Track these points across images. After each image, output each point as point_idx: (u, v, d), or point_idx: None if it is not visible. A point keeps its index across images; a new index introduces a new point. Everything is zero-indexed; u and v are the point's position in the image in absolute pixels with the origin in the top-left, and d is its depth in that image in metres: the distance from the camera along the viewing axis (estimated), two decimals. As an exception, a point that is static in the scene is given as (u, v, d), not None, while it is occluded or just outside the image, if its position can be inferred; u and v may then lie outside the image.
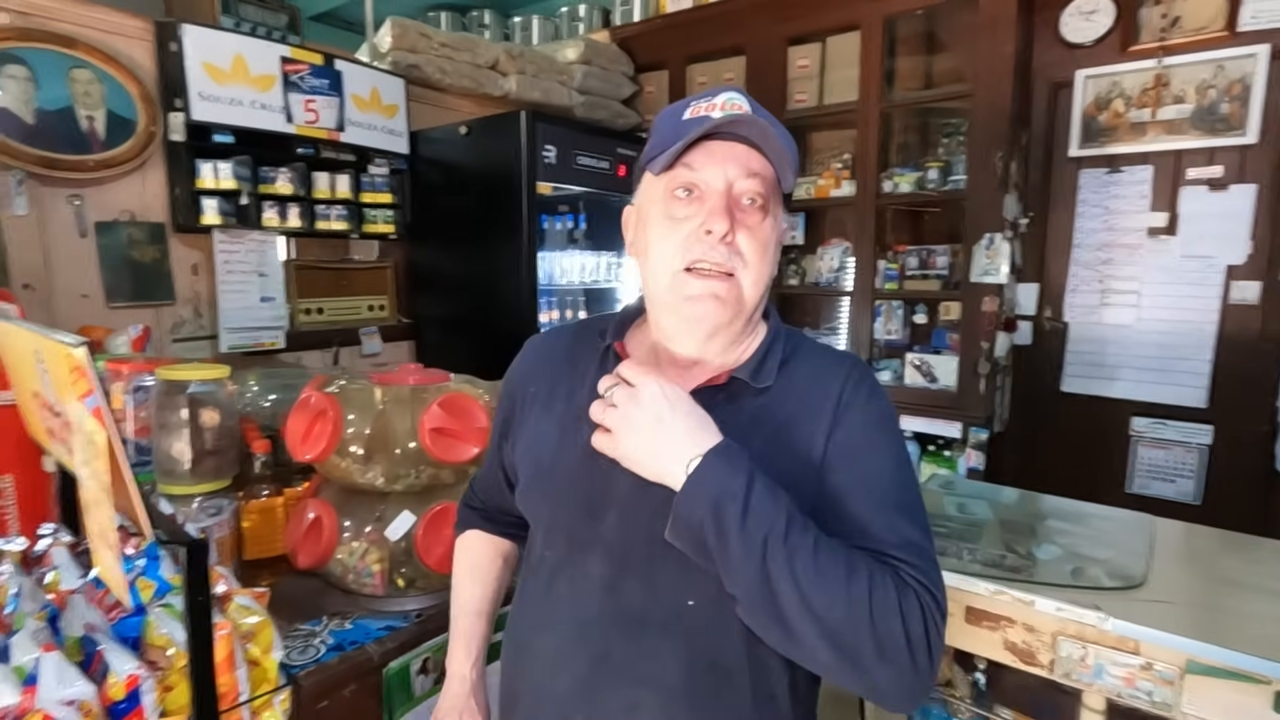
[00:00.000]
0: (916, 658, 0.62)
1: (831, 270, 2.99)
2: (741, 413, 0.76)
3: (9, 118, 1.79)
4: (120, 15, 1.98)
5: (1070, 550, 1.41)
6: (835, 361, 0.81)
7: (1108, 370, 2.68)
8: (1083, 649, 1.17)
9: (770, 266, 0.77)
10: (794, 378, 0.78)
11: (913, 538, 0.69)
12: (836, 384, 0.77)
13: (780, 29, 2.93)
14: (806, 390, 0.77)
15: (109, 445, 0.67)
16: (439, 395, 1.23)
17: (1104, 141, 2.59)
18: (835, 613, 0.62)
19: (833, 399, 0.75)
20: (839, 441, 0.74)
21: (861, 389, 0.77)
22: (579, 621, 0.76)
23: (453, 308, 2.73)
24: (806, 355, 0.81)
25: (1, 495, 1.43)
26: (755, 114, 0.72)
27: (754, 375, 0.77)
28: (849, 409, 0.75)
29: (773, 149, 0.72)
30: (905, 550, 0.68)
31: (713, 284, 0.73)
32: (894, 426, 0.78)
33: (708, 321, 0.74)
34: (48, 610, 0.88)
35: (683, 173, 0.74)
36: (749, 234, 0.73)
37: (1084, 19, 2.56)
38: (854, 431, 0.74)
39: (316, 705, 1.02)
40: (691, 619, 0.72)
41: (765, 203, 0.74)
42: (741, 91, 0.76)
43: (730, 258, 0.73)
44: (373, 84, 2.43)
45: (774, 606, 0.63)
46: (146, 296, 2.11)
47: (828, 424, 0.74)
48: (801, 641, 0.63)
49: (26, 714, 0.69)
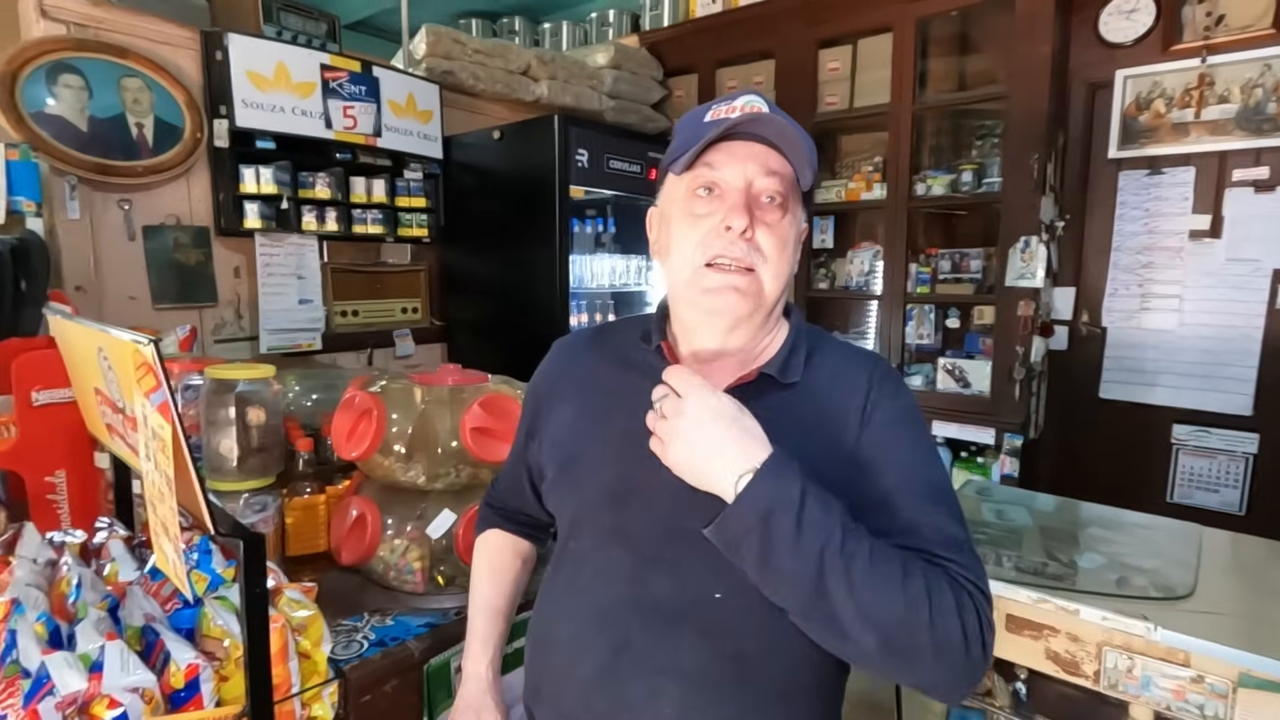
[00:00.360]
0: (971, 653, 0.64)
1: (861, 274, 2.97)
2: (770, 408, 0.77)
3: (64, 125, 1.86)
4: (169, 25, 2.04)
5: (1114, 559, 1.38)
6: (858, 358, 0.83)
7: (1148, 376, 2.62)
8: (1130, 660, 1.15)
9: (789, 263, 0.79)
10: (818, 373, 0.80)
11: (957, 535, 0.71)
12: (862, 381, 0.78)
13: (811, 32, 2.92)
14: (831, 385, 0.79)
15: (174, 440, 0.69)
16: (479, 395, 1.24)
17: (1144, 143, 2.54)
18: (893, 618, 0.62)
19: (860, 395, 0.77)
20: (873, 440, 0.75)
21: (887, 385, 0.79)
22: (601, 610, 0.78)
23: (484, 310, 2.76)
24: (829, 351, 0.83)
25: (54, 490, 1.48)
26: (774, 114, 0.75)
27: (782, 371, 0.79)
28: (878, 407, 0.76)
29: (791, 147, 0.75)
30: (952, 549, 0.69)
31: (732, 278, 0.75)
32: (921, 421, 0.80)
33: (729, 314, 0.77)
34: (108, 600, 0.91)
35: (704, 172, 0.77)
36: (768, 230, 0.76)
37: (1124, 18, 2.51)
38: (886, 429, 0.76)
39: (360, 699, 1.04)
40: (717, 611, 0.73)
41: (784, 200, 0.76)
42: (761, 95, 0.78)
43: (750, 253, 0.75)
44: (408, 90, 2.48)
45: (831, 616, 0.63)
46: (190, 298, 2.16)
47: (857, 420, 0.76)
48: (859, 645, 0.64)
49: (94, 699, 0.71)
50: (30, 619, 0.83)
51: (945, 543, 0.69)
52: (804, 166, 0.77)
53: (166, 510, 0.75)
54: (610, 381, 0.87)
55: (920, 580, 0.64)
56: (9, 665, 0.79)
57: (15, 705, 0.73)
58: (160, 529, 0.77)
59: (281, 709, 0.84)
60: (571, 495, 0.85)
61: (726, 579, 0.72)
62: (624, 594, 0.77)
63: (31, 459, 1.43)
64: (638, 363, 0.86)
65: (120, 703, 0.71)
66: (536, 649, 0.88)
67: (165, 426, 0.70)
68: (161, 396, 0.70)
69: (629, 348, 0.88)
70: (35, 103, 1.80)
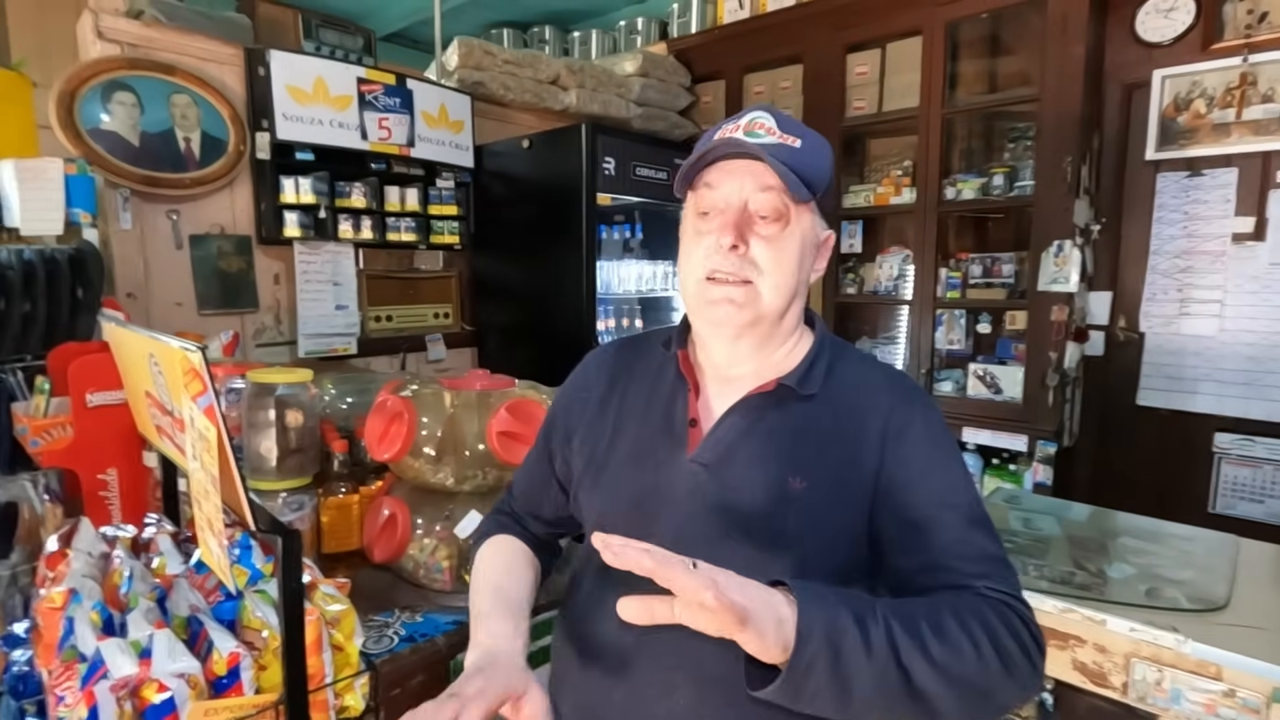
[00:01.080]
0: (1033, 660, 0.67)
1: (890, 279, 2.95)
2: (789, 419, 0.79)
3: (117, 140, 1.95)
4: (215, 43, 2.14)
5: (1146, 570, 1.36)
6: (880, 373, 0.84)
7: (1188, 383, 2.55)
8: (1159, 672, 1.13)
9: (792, 273, 0.79)
10: (839, 386, 0.81)
11: (991, 550, 0.73)
12: (884, 398, 0.79)
13: (839, 36, 2.92)
14: (853, 399, 0.80)
15: (219, 441, 0.74)
16: (505, 400, 1.28)
17: (1184, 144, 2.48)
18: (969, 674, 0.63)
19: (882, 413, 0.78)
20: (901, 459, 0.76)
21: (913, 403, 0.79)
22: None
23: (513, 316, 2.81)
24: (851, 364, 0.84)
25: (106, 487, 1.56)
26: (780, 129, 0.77)
27: (800, 382, 0.80)
28: (904, 425, 0.77)
29: (781, 164, 0.75)
30: (988, 566, 0.71)
31: (728, 290, 0.78)
32: (950, 437, 0.80)
33: (728, 324, 0.79)
34: (156, 592, 0.96)
35: (704, 192, 0.81)
36: (765, 244, 0.78)
37: (1162, 17, 2.46)
38: (914, 448, 0.76)
39: (390, 692, 1.08)
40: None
41: (784, 213, 0.78)
42: (769, 109, 0.80)
43: (743, 267, 0.78)
44: (441, 101, 2.54)
45: (920, 700, 0.62)
46: (233, 304, 2.25)
47: (879, 439, 0.77)
48: (946, 713, 0.63)
49: (144, 683, 0.76)
50: (86, 607, 0.88)
51: (980, 560, 0.71)
52: (810, 178, 0.77)
53: (211, 507, 0.79)
54: (636, 389, 0.90)
55: (976, 625, 0.65)
56: (67, 650, 0.85)
57: (74, 687, 0.78)
58: (205, 525, 0.82)
59: (316, 698, 0.87)
60: (598, 498, 0.88)
61: None
62: (645, 594, 0.79)
63: (86, 457, 1.51)
64: (657, 369, 0.89)
65: (168, 687, 0.76)
66: (561, 642, 0.91)
67: (211, 429, 0.75)
68: (208, 400, 0.74)
69: (653, 355, 0.92)
70: (91, 119, 1.90)
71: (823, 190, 0.80)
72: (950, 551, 0.71)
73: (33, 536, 1.52)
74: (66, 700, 0.78)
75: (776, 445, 0.78)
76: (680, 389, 0.85)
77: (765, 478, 0.77)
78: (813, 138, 0.80)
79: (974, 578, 0.70)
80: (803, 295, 0.83)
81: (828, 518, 0.75)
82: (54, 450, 1.48)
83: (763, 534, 0.75)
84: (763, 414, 0.80)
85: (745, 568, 0.72)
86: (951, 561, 0.71)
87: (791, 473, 0.76)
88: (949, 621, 0.64)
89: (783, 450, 0.78)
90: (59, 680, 0.80)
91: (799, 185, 0.76)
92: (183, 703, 0.77)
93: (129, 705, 0.74)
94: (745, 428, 0.80)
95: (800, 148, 0.77)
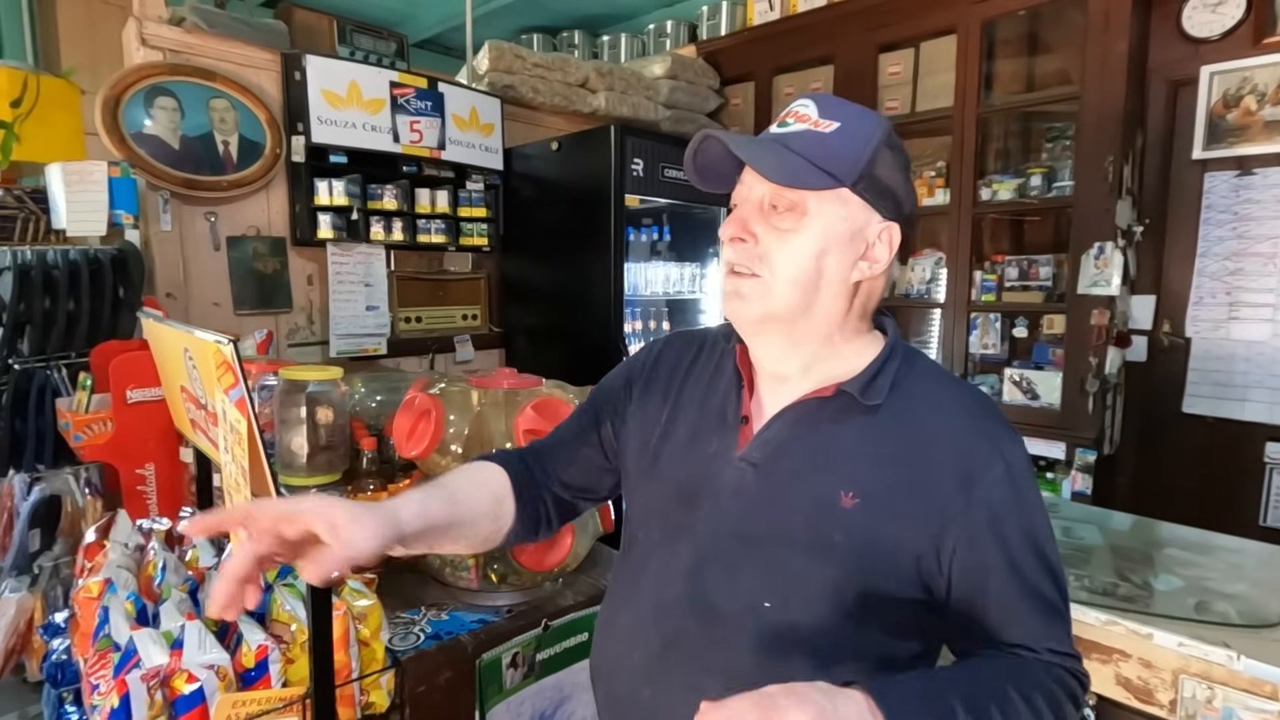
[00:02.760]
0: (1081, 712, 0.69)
1: (923, 281, 2.89)
2: (847, 430, 0.74)
3: (159, 144, 2.00)
4: (253, 49, 2.18)
5: (1194, 582, 1.30)
6: (956, 393, 0.76)
7: (1238, 390, 2.45)
8: (1209, 690, 1.08)
9: (808, 267, 0.73)
10: (908, 401, 0.75)
11: (1058, 606, 0.72)
12: (960, 425, 0.73)
13: (871, 36, 2.88)
14: (923, 420, 0.73)
15: (249, 433, 0.74)
16: (532, 399, 1.27)
17: (1233, 142, 2.39)
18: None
19: (956, 443, 0.72)
20: (975, 499, 0.70)
21: (994, 436, 0.72)
22: (660, 603, 0.79)
23: (541, 317, 2.82)
24: (923, 377, 0.77)
25: (144, 481, 1.60)
26: (819, 114, 0.75)
27: (864, 390, 0.74)
28: (987, 464, 0.71)
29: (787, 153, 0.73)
30: (1055, 636, 0.71)
31: (736, 283, 0.76)
32: (1030, 472, 0.74)
33: (737, 317, 0.79)
34: (189, 583, 0.97)
35: (737, 188, 0.79)
36: (776, 235, 0.74)
37: (1210, 11, 2.38)
38: (992, 490, 0.70)
39: (416, 689, 1.08)
40: (765, 619, 0.73)
41: (797, 204, 0.73)
42: (813, 96, 0.77)
43: (750, 259, 0.75)
44: (471, 104, 2.56)
45: None
46: (267, 304, 2.29)
47: (950, 471, 0.71)
48: None
49: (174, 673, 0.76)
50: (121, 597, 0.90)
51: (1045, 615, 0.70)
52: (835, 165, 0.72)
53: (242, 499, 0.80)
54: (695, 378, 0.88)
55: (1040, 699, 0.65)
56: (102, 639, 0.86)
57: (107, 675, 0.79)
58: (236, 517, 0.82)
59: (342, 693, 0.88)
60: (645, 487, 0.86)
61: (778, 591, 0.72)
62: (682, 590, 0.78)
63: (125, 452, 1.54)
64: (718, 362, 0.87)
65: (197, 677, 0.77)
66: (601, 631, 0.90)
67: (242, 420, 0.75)
68: (239, 393, 0.75)
69: (715, 347, 0.90)
70: (135, 124, 1.96)
71: (854, 176, 0.73)
72: (1015, 608, 0.70)
73: (75, 529, 1.57)
74: (100, 689, 0.79)
75: (830, 455, 0.74)
76: (736, 384, 0.83)
77: (814, 487, 0.73)
78: (856, 120, 0.74)
79: (1038, 637, 0.70)
80: (839, 293, 0.75)
81: (880, 538, 0.71)
82: (95, 445, 1.52)
83: (807, 543, 0.72)
84: (817, 421, 0.75)
85: (773, 569, 0.71)
86: (1015, 618, 0.70)
87: (844, 486, 0.72)
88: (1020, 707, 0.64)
89: (836, 461, 0.74)
90: (94, 668, 0.82)
91: (802, 173, 0.71)
92: (211, 694, 0.77)
93: (159, 695, 0.75)
94: (797, 432, 0.76)
95: (832, 132, 0.73)
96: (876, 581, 0.71)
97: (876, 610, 0.72)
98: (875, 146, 0.74)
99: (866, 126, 0.74)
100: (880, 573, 0.71)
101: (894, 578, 0.71)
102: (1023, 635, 0.70)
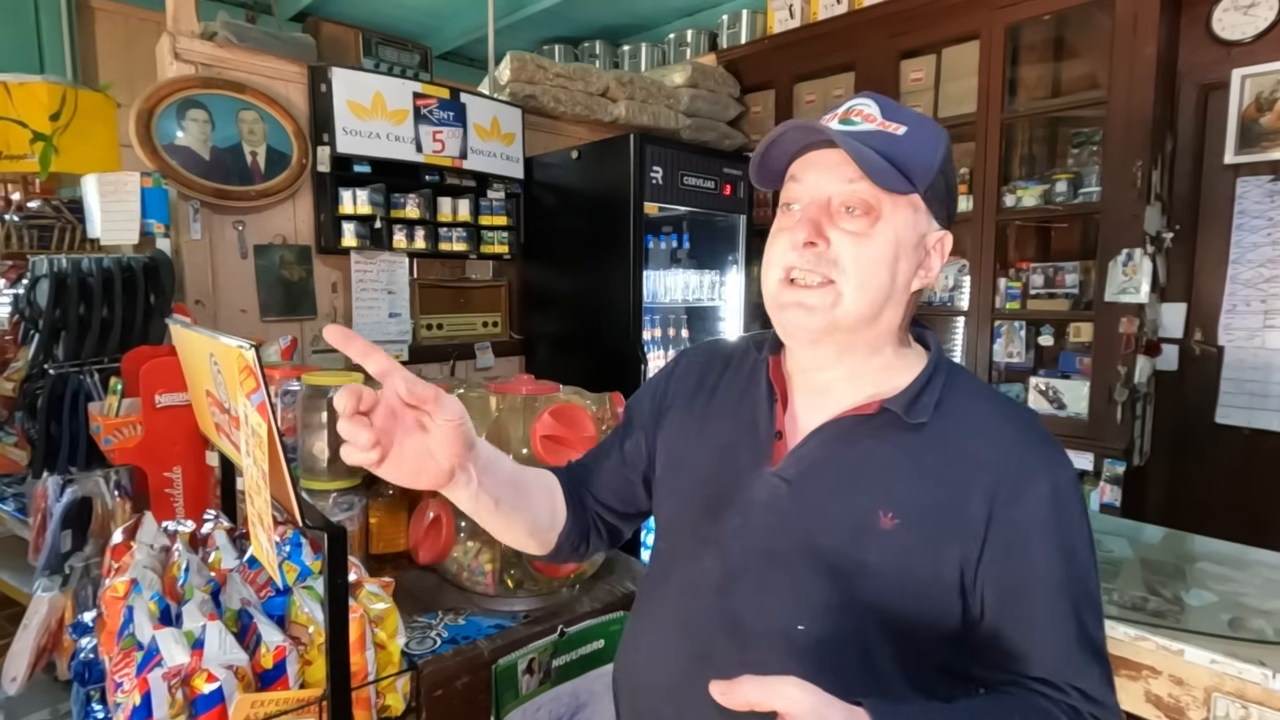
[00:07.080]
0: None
1: (945, 288, 2.86)
2: (887, 448, 0.71)
3: (190, 155, 2.06)
4: (281, 62, 2.24)
5: (1229, 598, 1.27)
6: (1001, 411, 0.73)
7: (1274, 401, 2.38)
8: (1244, 709, 1.04)
9: (883, 274, 0.70)
10: (952, 419, 0.72)
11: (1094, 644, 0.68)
12: (1008, 443, 0.70)
13: (892, 43, 2.86)
14: (968, 437, 0.71)
15: (269, 437, 0.76)
16: (550, 405, 1.28)
17: (1266, 146, 2.33)
18: None
19: (1001, 462, 0.69)
20: (1015, 520, 0.67)
21: (1042, 458, 0.70)
22: (686, 617, 0.77)
23: (561, 325, 2.83)
24: (968, 395, 0.74)
25: (172, 485, 1.63)
26: (883, 116, 0.71)
27: (908, 409, 0.71)
28: (1029, 484, 0.68)
29: (870, 151, 0.68)
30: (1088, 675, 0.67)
31: (800, 294, 0.71)
32: (1078, 496, 0.70)
33: (798, 330, 0.73)
34: (211, 585, 0.99)
35: (790, 185, 0.74)
36: (851, 240, 0.70)
37: (1241, 14, 2.33)
38: (1041, 507, 0.67)
39: (433, 693, 1.08)
40: (799, 641, 0.71)
41: (874, 207, 0.70)
42: (871, 96, 0.73)
43: (821, 264, 0.70)
44: (493, 114, 2.59)
45: None
46: (293, 311, 2.33)
47: (992, 492, 0.68)
48: None
49: (195, 672, 0.78)
50: (145, 597, 0.92)
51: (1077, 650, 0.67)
52: (911, 168, 0.70)
53: (262, 502, 0.81)
54: (725, 390, 0.85)
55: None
56: (126, 638, 0.88)
57: (130, 674, 0.81)
58: (256, 519, 0.84)
59: (358, 696, 0.88)
60: (671, 498, 0.85)
61: (808, 611, 0.70)
62: (710, 604, 0.76)
63: (154, 455, 1.58)
64: (749, 373, 0.84)
65: (217, 677, 0.78)
66: (626, 642, 0.88)
67: (262, 425, 0.77)
68: (260, 397, 0.76)
69: (746, 358, 0.87)
70: (167, 135, 2.01)
71: (927, 182, 0.71)
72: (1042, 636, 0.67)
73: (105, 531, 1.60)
74: (124, 687, 0.81)
75: (870, 474, 0.71)
76: (769, 397, 0.80)
77: (851, 506, 0.71)
78: (923, 126, 0.72)
79: (1064, 672, 0.66)
80: (900, 302, 0.73)
81: (919, 561, 0.68)
82: (125, 448, 1.56)
83: (839, 564, 0.70)
84: (857, 438, 0.72)
85: (803, 590, 0.70)
86: (1041, 646, 0.67)
87: (883, 507, 0.69)
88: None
89: (875, 481, 0.71)
90: (118, 667, 0.83)
91: (891, 174, 0.68)
92: (230, 693, 0.78)
93: (180, 694, 0.76)
94: (835, 449, 0.73)
95: (903, 135, 0.70)
96: (916, 604, 0.69)
97: (909, 635, 0.69)
98: (944, 153, 0.72)
99: (933, 132, 0.72)
100: (919, 595, 0.68)
101: (932, 602, 0.68)
102: (1047, 668, 0.66)
